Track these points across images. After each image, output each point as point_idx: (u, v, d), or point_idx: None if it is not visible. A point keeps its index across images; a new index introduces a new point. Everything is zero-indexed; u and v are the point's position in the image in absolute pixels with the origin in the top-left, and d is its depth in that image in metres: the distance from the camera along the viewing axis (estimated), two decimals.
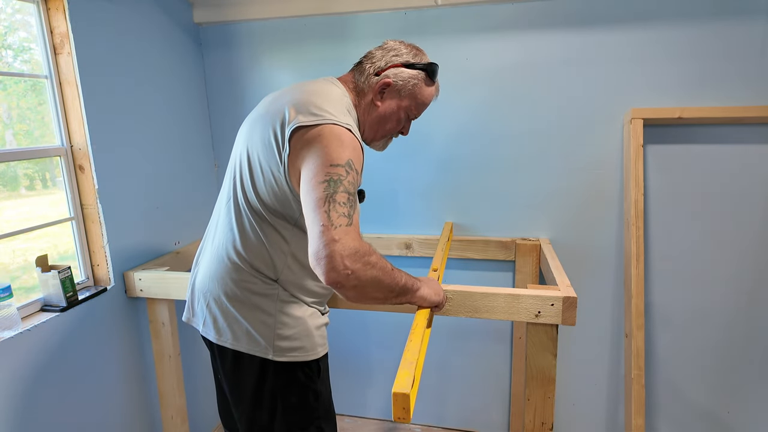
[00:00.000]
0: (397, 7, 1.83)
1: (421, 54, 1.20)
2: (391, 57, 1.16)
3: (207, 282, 1.15)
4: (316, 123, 0.99)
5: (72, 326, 1.46)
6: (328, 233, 0.90)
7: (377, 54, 1.18)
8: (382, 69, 1.15)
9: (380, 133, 1.22)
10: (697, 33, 1.67)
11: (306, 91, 1.08)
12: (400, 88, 1.16)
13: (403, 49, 1.18)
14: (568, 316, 1.25)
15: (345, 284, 0.91)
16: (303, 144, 0.99)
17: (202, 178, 2.10)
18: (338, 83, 1.16)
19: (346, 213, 0.93)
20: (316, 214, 0.92)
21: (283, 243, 1.10)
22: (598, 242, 1.89)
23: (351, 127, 1.02)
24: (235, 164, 1.15)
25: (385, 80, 1.14)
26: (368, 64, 1.17)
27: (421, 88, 1.18)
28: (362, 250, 0.93)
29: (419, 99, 1.19)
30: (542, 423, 1.34)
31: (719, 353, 1.87)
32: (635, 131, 1.70)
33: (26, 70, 1.46)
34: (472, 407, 2.18)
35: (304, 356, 1.12)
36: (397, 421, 0.86)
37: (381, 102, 1.17)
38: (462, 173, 1.96)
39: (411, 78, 1.16)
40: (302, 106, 1.03)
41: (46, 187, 1.52)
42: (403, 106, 1.19)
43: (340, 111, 1.05)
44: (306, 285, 1.14)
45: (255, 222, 1.09)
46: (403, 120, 1.22)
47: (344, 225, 0.92)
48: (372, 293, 0.96)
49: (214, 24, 2.04)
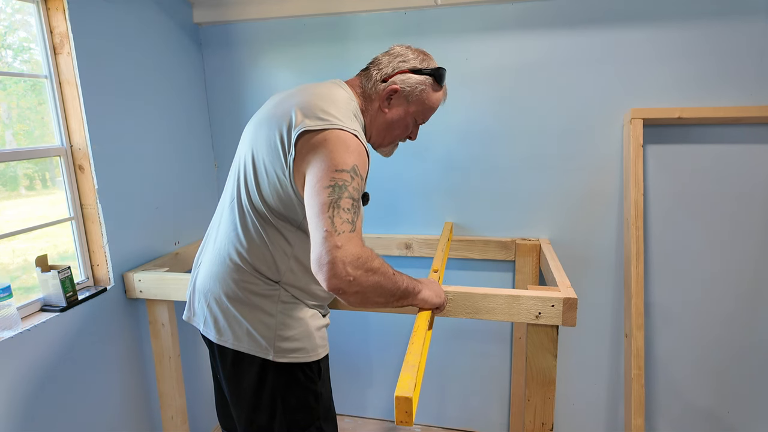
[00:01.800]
0: (397, 7, 1.83)
1: (428, 59, 1.19)
2: (398, 63, 1.15)
3: (208, 282, 1.15)
4: (323, 127, 0.98)
5: (72, 326, 1.46)
6: (331, 239, 0.90)
7: (384, 60, 1.17)
8: (389, 75, 1.15)
9: (388, 139, 1.21)
10: (697, 33, 1.67)
11: (313, 94, 1.08)
12: (407, 94, 1.15)
13: (411, 54, 1.17)
14: (568, 317, 1.24)
15: (347, 290, 0.92)
16: (309, 148, 0.98)
17: (202, 178, 2.10)
18: (346, 87, 1.15)
19: (349, 219, 0.93)
20: (320, 219, 0.92)
21: (286, 245, 1.10)
22: (598, 242, 1.89)
23: (357, 132, 1.02)
24: (239, 165, 1.15)
25: (392, 87, 1.13)
26: (375, 71, 1.16)
27: (428, 93, 1.17)
28: (364, 257, 0.93)
29: (427, 104, 1.18)
30: (542, 423, 1.34)
31: (719, 353, 1.87)
32: (635, 131, 1.70)
33: (26, 70, 1.46)
34: (472, 407, 2.18)
35: (304, 357, 1.12)
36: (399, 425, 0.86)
37: (388, 109, 1.16)
38: (462, 173, 1.96)
39: (418, 84, 1.15)
40: (309, 110, 1.02)
41: (45, 187, 1.52)
42: (410, 112, 1.18)
43: (347, 116, 1.04)
44: (308, 288, 1.14)
45: (258, 224, 1.09)
46: (411, 125, 1.21)
47: (347, 231, 0.92)
48: (373, 298, 0.97)
49: (213, 24, 2.04)
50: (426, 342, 1.02)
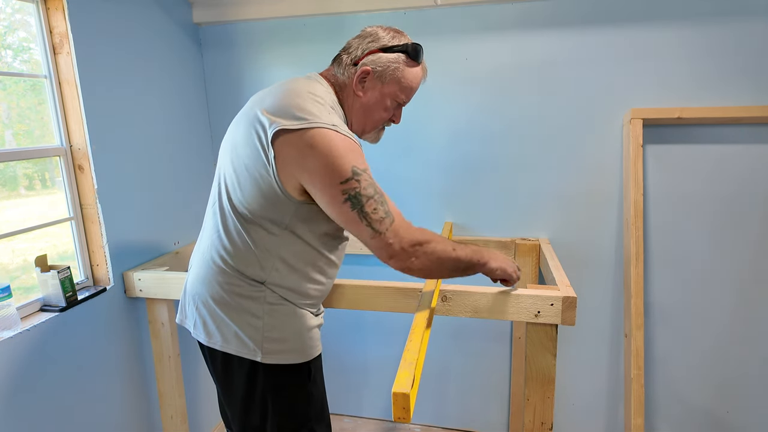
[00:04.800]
0: (397, 7, 1.83)
1: (399, 35, 1.14)
2: (367, 44, 1.12)
3: (196, 285, 1.14)
4: (301, 127, 0.96)
5: (71, 326, 1.46)
6: (382, 241, 0.98)
7: (354, 43, 1.13)
8: (359, 58, 1.11)
9: (369, 124, 1.18)
10: (697, 33, 1.67)
11: (287, 90, 1.05)
12: (380, 74, 1.11)
13: (381, 33, 1.13)
14: (567, 316, 1.25)
15: (412, 268, 1.02)
16: (296, 155, 0.97)
17: (201, 178, 2.10)
18: (321, 79, 1.13)
19: (383, 214, 0.98)
20: (361, 231, 0.99)
21: (270, 246, 1.07)
22: (597, 242, 1.89)
23: (337, 127, 0.99)
24: (219, 167, 1.14)
25: (363, 69, 1.10)
26: (345, 56, 1.13)
27: (403, 71, 1.12)
28: (417, 239, 1.01)
29: (404, 83, 1.13)
30: (542, 423, 1.34)
31: (719, 353, 1.87)
32: (635, 131, 1.70)
33: (26, 70, 1.46)
34: (471, 407, 2.18)
35: (293, 358, 1.11)
36: (397, 421, 0.86)
37: (363, 92, 1.13)
38: (462, 173, 1.96)
39: (391, 62, 1.11)
40: (281, 109, 1.00)
41: (45, 187, 1.52)
42: (387, 93, 1.13)
43: (324, 110, 1.02)
44: (298, 287, 1.11)
45: (240, 225, 1.07)
46: (392, 108, 1.17)
47: (389, 225, 0.99)
48: (437, 274, 1.07)
49: (213, 24, 2.04)
50: (424, 340, 1.02)
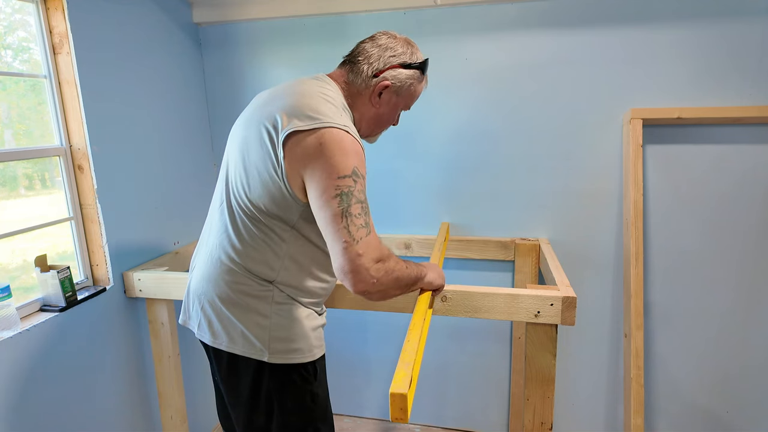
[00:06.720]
0: (397, 7, 1.83)
1: (414, 49, 1.18)
2: (388, 57, 1.14)
3: (201, 284, 1.14)
4: (314, 127, 0.98)
5: (71, 326, 1.46)
6: (352, 249, 0.95)
7: (374, 53, 1.15)
8: (380, 70, 1.14)
9: (377, 130, 1.24)
10: (697, 33, 1.67)
11: (299, 92, 1.07)
12: (397, 89, 1.16)
13: (399, 48, 1.16)
14: (567, 316, 1.25)
15: (372, 291, 0.98)
16: (303, 151, 0.98)
17: (201, 177, 2.10)
18: (331, 81, 1.15)
19: (363, 223, 0.97)
20: (336, 230, 0.96)
21: (279, 245, 1.08)
22: (597, 242, 1.89)
23: (348, 128, 1.01)
24: (227, 166, 1.14)
25: (384, 83, 1.13)
26: (365, 65, 1.14)
27: (416, 86, 1.19)
28: (383, 256, 0.99)
29: (414, 96, 1.22)
30: (541, 423, 1.35)
31: (718, 353, 1.87)
32: (634, 131, 1.70)
33: (25, 70, 1.46)
34: (471, 407, 2.18)
35: (300, 358, 1.11)
36: (394, 422, 0.86)
37: (379, 104, 1.16)
38: (462, 173, 1.96)
39: (408, 78, 1.16)
40: (296, 110, 1.01)
41: (45, 187, 1.52)
42: (399, 105, 1.20)
43: (336, 112, 1.03)
44: (304, 285, 1.13)
45: (250, 224, 1.08)
46: (398, 116, 1.25)
47: (365, 236, 0.96)
48: (392, 293, 1.05)
49: (213, 24, 2.04)
50: (422, 339, 1.02)
